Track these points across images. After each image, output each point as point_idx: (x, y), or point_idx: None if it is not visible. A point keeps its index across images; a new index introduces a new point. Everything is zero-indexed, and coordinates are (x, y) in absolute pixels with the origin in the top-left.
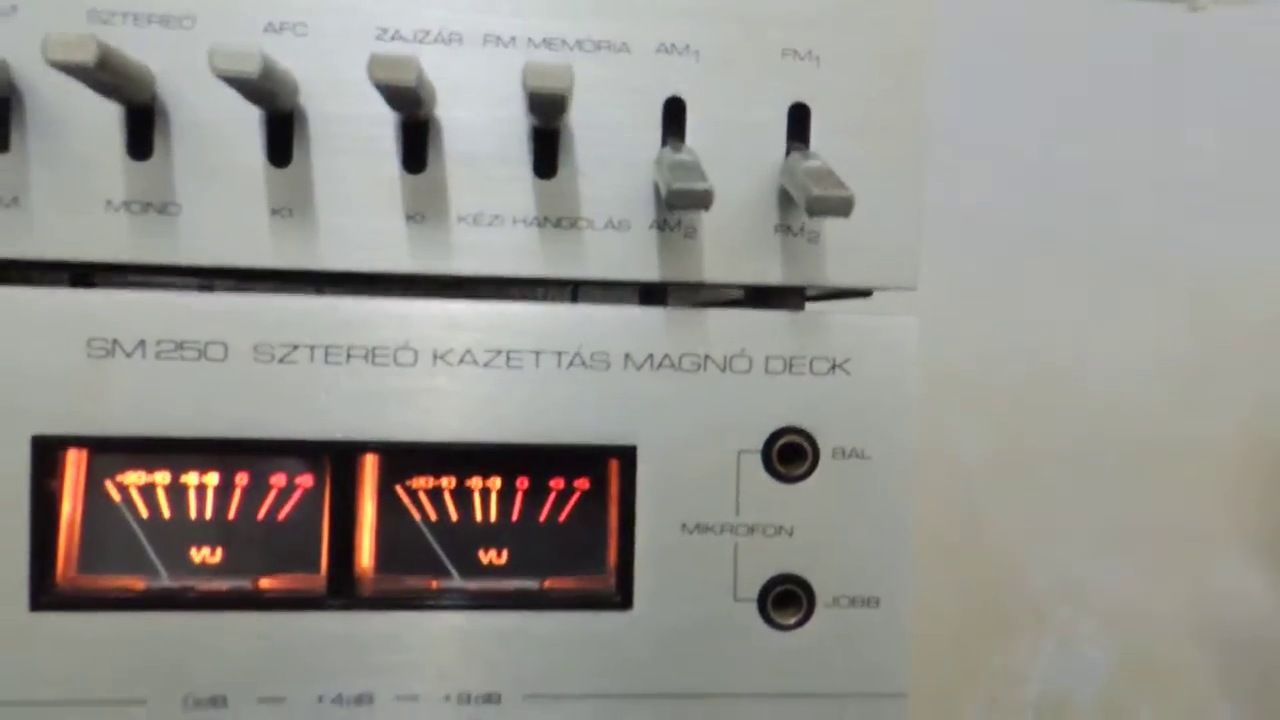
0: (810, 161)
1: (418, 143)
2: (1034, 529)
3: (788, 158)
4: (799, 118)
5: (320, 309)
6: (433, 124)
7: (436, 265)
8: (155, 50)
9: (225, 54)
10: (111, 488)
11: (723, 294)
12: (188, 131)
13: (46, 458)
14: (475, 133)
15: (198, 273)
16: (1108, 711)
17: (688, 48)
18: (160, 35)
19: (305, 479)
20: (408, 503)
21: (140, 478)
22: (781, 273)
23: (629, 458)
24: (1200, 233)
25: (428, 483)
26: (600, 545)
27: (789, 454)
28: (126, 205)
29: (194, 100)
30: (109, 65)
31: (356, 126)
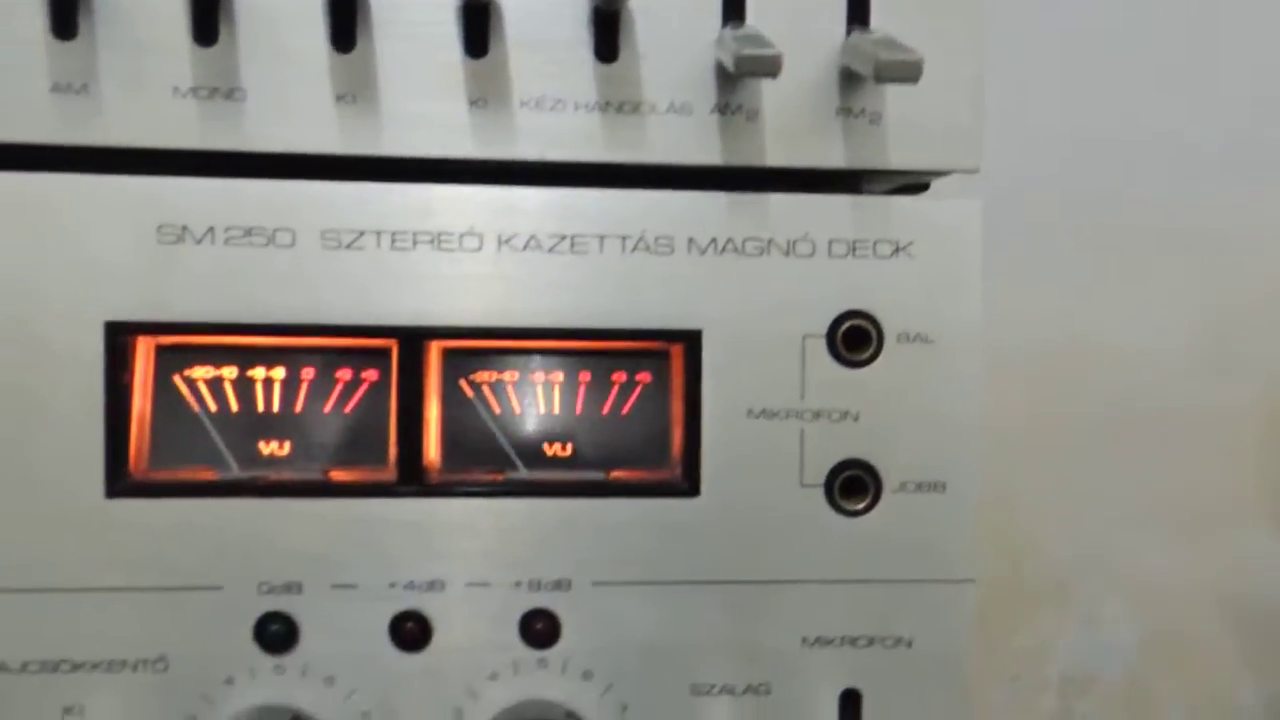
0: (874, 34)
1: (479, 27)
2: (1058, 502)
3: (848, 37)
4: None
5: (387, 195)
6: (494, 8)
7: (499, 150)
8: None
9: None
10: (180, 382)
11: None
12: (253, 17)
13: (118, 344)
14: (536, 16)
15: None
16: (1133, 688)
17: None
18: None
19: (370, 373)
20: (472, 396)
21: (208, 372)
22: (843, 156)
23: (694, 342)
24: (1224, 199)
25: (492, 376)
26: (664, 438)
27: (853, 338)
28: (193, 91)
29: None
30: None
31: (418, 11)
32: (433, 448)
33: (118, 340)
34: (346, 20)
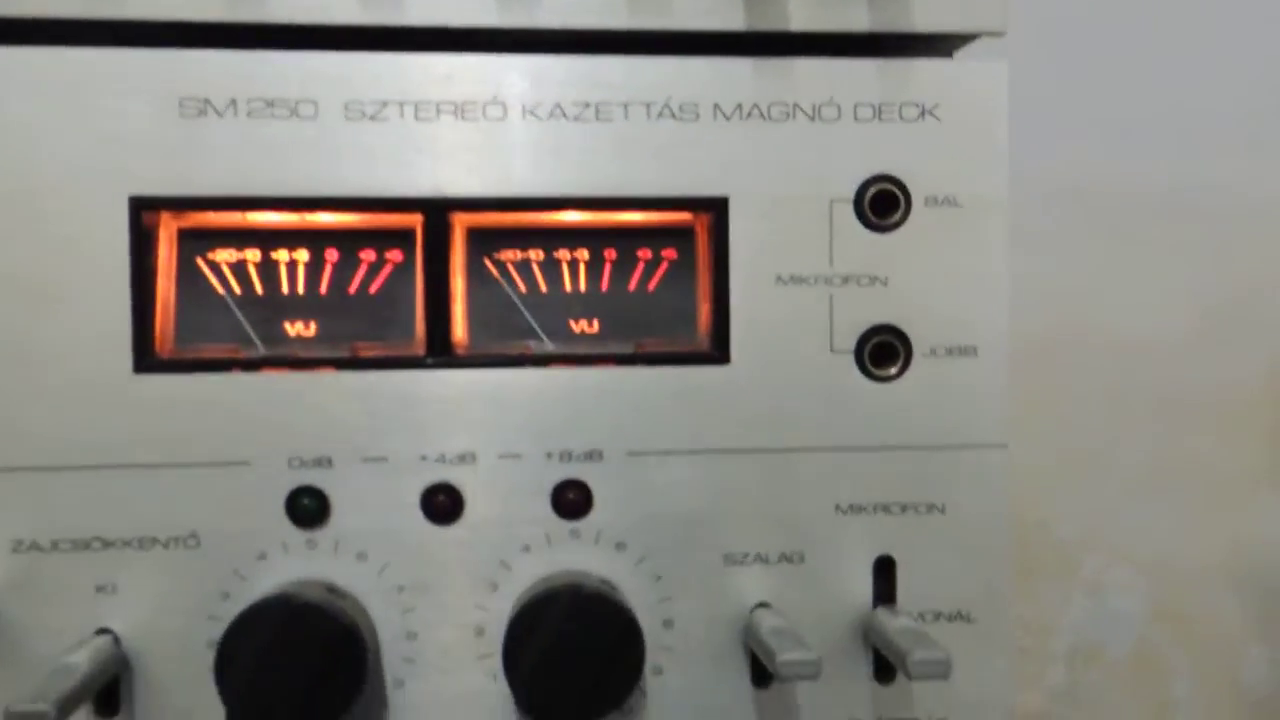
0: None
1: None
2: (1065, 476)
3: None
4: None
5: (410, 65)
6: None
7: (522, 18)
8: None
9: None
10: (204, 265)
11: None
12: None
13: (143, 219)
14: None
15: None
16: (1140, 660)
17: None
18: None
19: (395, 254)
20: (498, 275)
21: (232, 255)
22: (868, 19)
23: (721, 209)
24: (1227, 176)
25: (516, 255)
26: (692, 312)
27: (881, 202)
28: None
29: None
30: None
31: None
32: (460, 326)
33: (142, 215)
34: None
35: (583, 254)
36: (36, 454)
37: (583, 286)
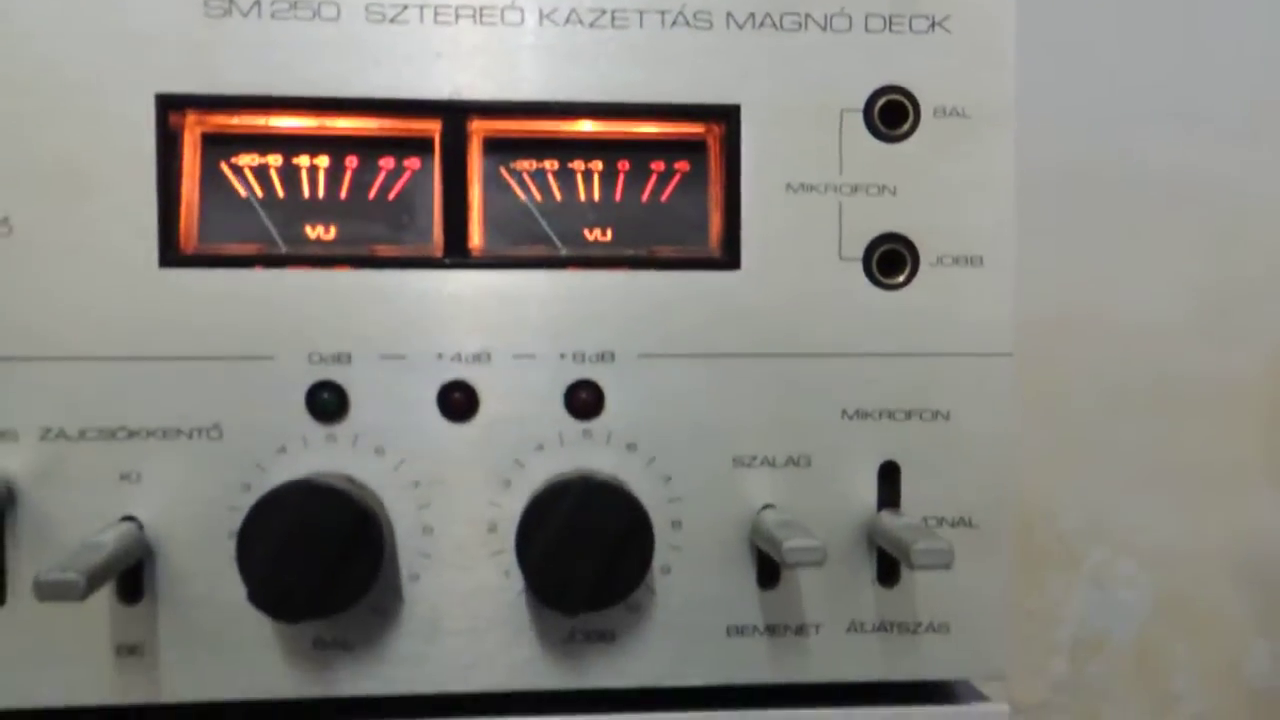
0: None
1: None
2: (1068, 468)
3: None
4: None
5: None
6: None
7: None
8: None
9: None
10: (227, 169)
11: None
12: None
13: (170, 119)
14: None
15: None
16: (1143, 651)
17: None
18: None
19: (413, 161)
20: (514, 185)
21: (254, 160)
22: None
23: (733, 117)
24: (1228, 167)
25: (532, 165)
26: (704, 222)
27: (890, 113)
28: None
29: None
30: None
31: None
32: (476, 232)
33: (168, 116)
34: None
35: (597, 165)
36: (64, 344)
37: (597, 197)
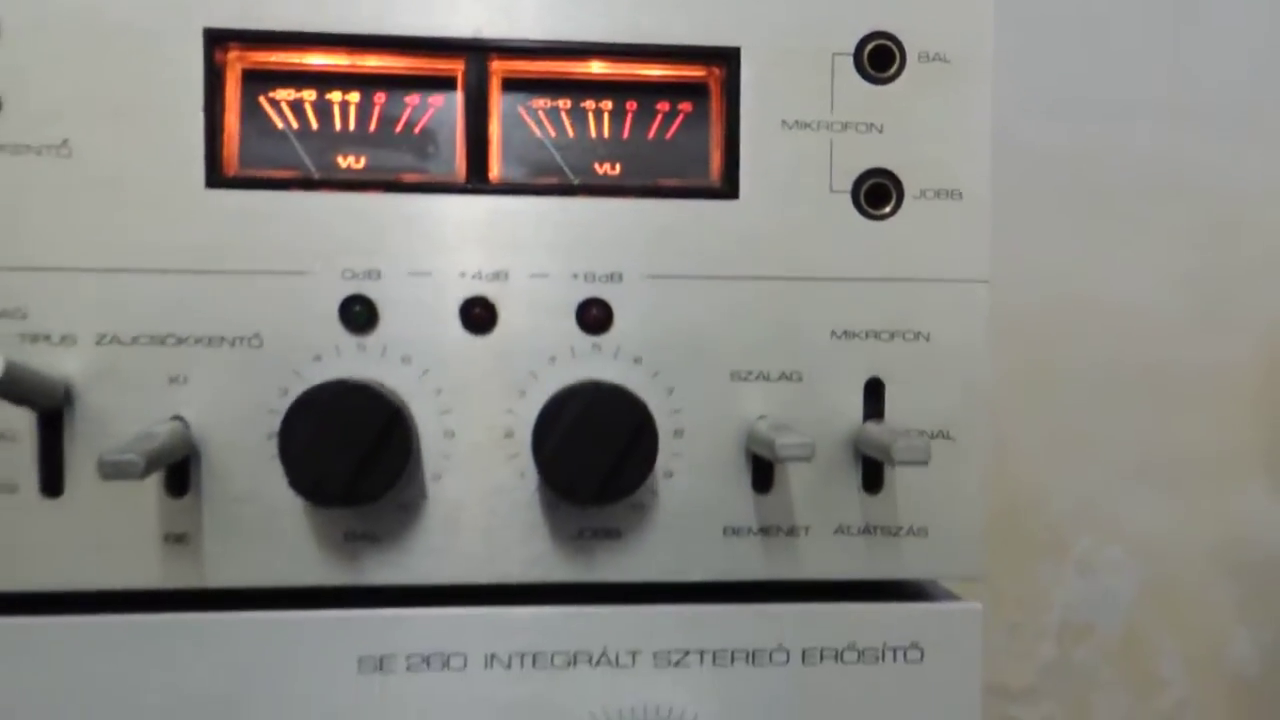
0: None
1: None
2: (1056, 454)
3: None
4: None
5: None
6: None
7: None
8: None
9: None
10: (265, 103)
11: None
12: None
13: (215, 54)
14: None
15: None
16: (1130, 636)
17: None
18: None
19: (436, 99)
20: (530, 121)
21: (290, 94)
22: None
23: (734, 59)
24: (1219, 155)
25: (547, 103)
26: (706, 156)
27: (879, 57)
28: None
29: None
30: None
31: None
32: (495, 163)
33: (214, 49)
34: None
35: (606, 104)
36: (119, 258)
37: (606, 134)
